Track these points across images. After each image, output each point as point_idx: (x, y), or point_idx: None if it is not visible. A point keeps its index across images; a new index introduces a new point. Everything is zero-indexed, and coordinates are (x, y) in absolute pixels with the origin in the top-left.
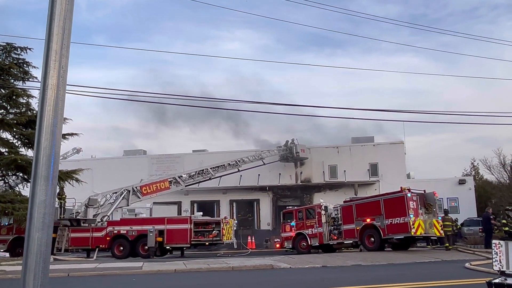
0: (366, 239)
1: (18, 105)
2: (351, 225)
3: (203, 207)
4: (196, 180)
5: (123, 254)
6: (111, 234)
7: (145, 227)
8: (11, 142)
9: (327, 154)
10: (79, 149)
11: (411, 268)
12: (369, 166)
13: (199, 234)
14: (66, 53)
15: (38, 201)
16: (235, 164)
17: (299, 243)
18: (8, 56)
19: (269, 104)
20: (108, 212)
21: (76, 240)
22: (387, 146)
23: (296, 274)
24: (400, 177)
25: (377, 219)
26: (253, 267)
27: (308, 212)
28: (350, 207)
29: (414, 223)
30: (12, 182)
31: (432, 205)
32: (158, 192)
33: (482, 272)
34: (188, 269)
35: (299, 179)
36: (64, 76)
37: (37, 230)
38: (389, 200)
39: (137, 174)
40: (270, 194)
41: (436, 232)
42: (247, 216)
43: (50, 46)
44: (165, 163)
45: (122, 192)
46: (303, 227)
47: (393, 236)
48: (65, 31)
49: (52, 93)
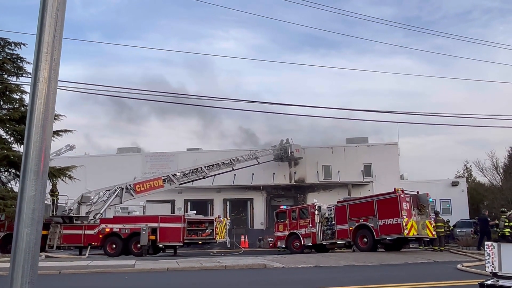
0: (359, 239)
1: (11, 100)
2: (344, 225)
3: (196, 206)
4: (190, 178)
5: (116, 252)
6: (104, 231)
7: (138, 225)
8: (3, 138)
9: (321, 154)
10: (73, 146)
11: (403, 269)
12: (363, 166)
13: (192, 233)
14: (58, 45)
15: (27, 196)
16: (229, 163)
17: (292, 243)
18: (2, 51)
19: (263, 103)
20: (101, 210)
21: (68, 238)
22: (381, 147)
23: (289, 274)
24: (393, 178)
25: (370, 219)
26: (246, 266)
27: (301, 212)
28: (343, 207)
29: (407, 224)
30: (4, 178)
31: (425, 206)
32: (151, 190)
33: (474, 273)
34: (181, 267)
35: (293, 179)
36: (56, 69)
37: (26, 226)
38: (382, 201)
39: (131, 172)
40: (264, 193)
41: (428, 233)
42: (241, 215)
43: (42, 38)
44: (159, 161)
45: (115, 190)
46: (297, 227)
47: (386, 236)
48: (58, 22)
49: (44, 85)
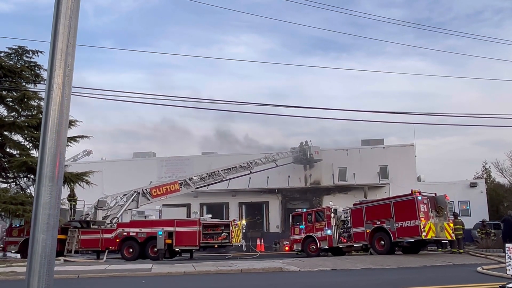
0: (376, 242)
1: (29, 107)
2: (361, 228)
3: (212, 210)
4: (207, 182)
5: (133, 256)
6: (121, 236)
7: (154, 229)
8: (22, 144)
9: (337, 157)
10: (90, 151)
11: (422, 272)
12: (379, 168)
13: (208, 237)
14: (72, 51)
15: (43, 202)
16: (247, 166)
17: (308, 246)
18: (20, 59)
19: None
20: (117, 214)
21: (86, 242)
22: (397, 148)
23: (305, 277)
24: (410, 180)
25: (387, 222)
26: (262, 269)
27: (317, 214)
28: (359, 210)
29: (424, 226)
30: (24, 184)
31: (443, 208)
32: (168, 194)
33: (495, 276)
34: (197, 271)
35: (308, 182)
36: (70, 75)
37: (42, 232)
38: (399, 203)
39: (147, 176)
40: (279, 196)
41: (447, 235)
42: (256, 218)
43: (56, 45)
44: (174, 165)
45: (132, 194)
46: (313, 230)
47: (403, 239)
48: (71, 29)
49: (58, 92)
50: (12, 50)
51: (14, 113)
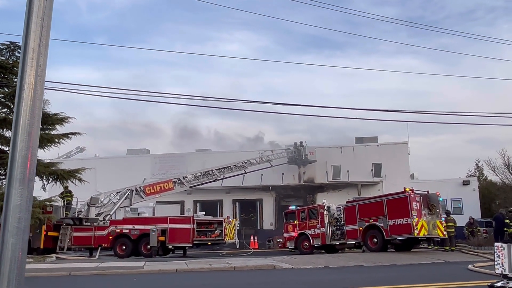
0: (369, 239)
1: None
2: (354, 225)
3: (206, 207)
4: (201, 181)
5: (126, 253)
6: (114, 233)
7: (147, 226)
8: None
9: (331, 154)
10: (83, 148)
11: (414, 270)
12: (372, 166)
13: (201, 234)
14: (44, 51)
15: (13, 205)
16: (241, 165)
17: (301, 244)
18: (12, 55)
19: (270, 103)
20: (110, 211)
21: (79, 239)
22: (390, 146)
23: (298, 275)
24: (403, 178)
25: (380, 219)
26: (255, 267)
27: (311, 212)
28: (353, 207)
29: (417, 224)
30: None
31: (435, 206)
32: (161, 192)
33: (486, 274)
34: (190, 269)
35: (302, 179)
36: (42, 75)
37: (11, 236)
38: (392, 201)
39: (140, 173)
40: (273, 194)
41: (439, 233)
42: (250, 216)
43: (28, 44)
44: (168, 162)
45: (125, 192)
46: (306, 227)
47: (396, 237)
48: (44, 28)
49: (29, 92)
50: (3, 46)
51: (6, 109)
